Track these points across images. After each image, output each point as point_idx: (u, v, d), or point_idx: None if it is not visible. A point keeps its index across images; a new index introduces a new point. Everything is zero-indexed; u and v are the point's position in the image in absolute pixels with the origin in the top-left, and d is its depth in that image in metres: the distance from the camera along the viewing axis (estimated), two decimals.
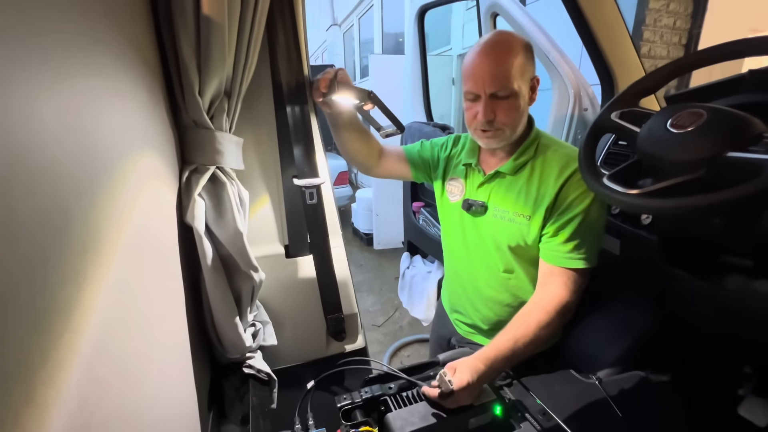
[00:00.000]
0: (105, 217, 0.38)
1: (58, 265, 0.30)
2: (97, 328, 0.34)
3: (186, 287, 0.62)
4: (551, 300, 0.79)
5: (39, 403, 0.26)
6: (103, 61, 0.41)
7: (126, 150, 0.45)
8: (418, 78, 2.01)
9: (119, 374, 0.37)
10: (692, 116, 0.61)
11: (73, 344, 0.31)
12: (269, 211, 0.87)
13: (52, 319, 0.29)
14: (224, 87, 0.63)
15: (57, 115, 0.31)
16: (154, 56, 0.59)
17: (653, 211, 0.71)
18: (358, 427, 0.65)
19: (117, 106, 0.44)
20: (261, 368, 0.72)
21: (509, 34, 0.80)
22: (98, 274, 0.36)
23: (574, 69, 1.24)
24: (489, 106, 0.79)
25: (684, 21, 2.71)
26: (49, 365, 0.28)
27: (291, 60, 0.79)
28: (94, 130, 0.37)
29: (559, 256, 0.81)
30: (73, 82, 0.34)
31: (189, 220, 0.61)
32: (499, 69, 0.77)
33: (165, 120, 0.60)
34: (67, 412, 0.29)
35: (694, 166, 0.57)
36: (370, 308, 2.86)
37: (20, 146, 0.26)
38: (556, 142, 0.87)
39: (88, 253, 0.34)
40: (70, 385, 0.30)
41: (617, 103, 0.77)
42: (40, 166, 0.28)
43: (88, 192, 0.35)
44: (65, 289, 0.31)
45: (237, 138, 0.69)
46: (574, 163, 0.79)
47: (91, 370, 0.33)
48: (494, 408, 0.69)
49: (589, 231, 0.80)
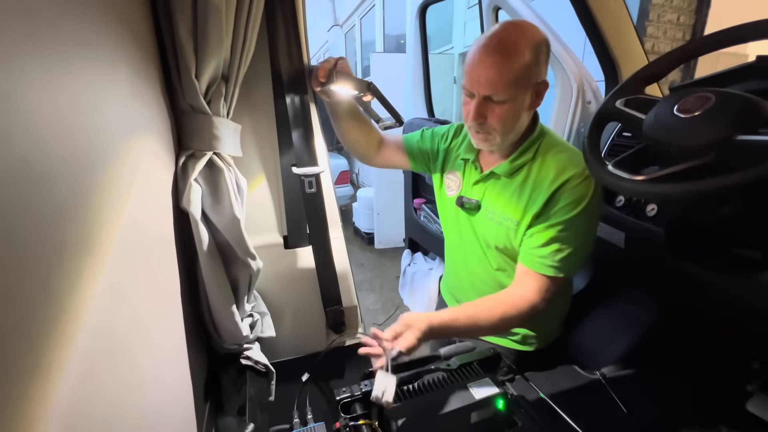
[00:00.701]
0: (101, 205, 0.37)
1: (56, 260, 0.29)
2: (92, 319, 0.33)
3: (182, 276, 0.61)
4: (521, 299, 0.77)
5: (35, 397, 0.26)
6: (97, 43, 0.40)
7: (122, 134, 0.44)
8: (420, 74, 2.00)
9: (112, 364, 0.35)
10: (700, 100, 0.59)
11: (69, 335, 0.30)
12: (268, 200, 0.86)
13: (48, 313, 0.28)
14: (222, 71, 0.62)
15: (51, 103, 0.30)
16: (151, 37, 0.58)
17: (661, 197, 0.69)
18: (357, 420, 0.63)
19: (113, 91, 0.43)
20: (259, 359, 0.70)
21: (520, 30, 0.73)
22: (93, 263, 0.35)
23: (577, 62, 1.22)
24: (480, 108, 0.75)
25: (688, 17, 2.69)
26: (44, 357, 0.27)
27: (290, 46, 0.78)
28: (90, 115, 0.37)
29: (534, 259, 0.78)
30: (68, 67, 0.33)
31: (185, 205, 0.60)
32: (497, 73, 0.71)
33: (162, 104, 0.59)
34: (63, 405, 0.29)
35: (702, 151, 0.56)
36: (371, 307, 2.85)
37: (14, 133, 0.25)
38: (559, 144, 0.83)
39: (84, 242, 0.34)
40: (65, 377, 0.29)
41: (622, 91, 0.75)
42: (34, 154, 0.27)
43: (84, 178, 0.34)
44: (62, 283, 0.30)
45: (235, 124, 0.68)
46: (572, 168, 0.76)
47: (85, 360, 0.32)
48: (497, 402, 0.68)
49: (570, 241, 0.76)
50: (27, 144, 0.26)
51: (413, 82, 2.03)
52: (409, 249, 2.10)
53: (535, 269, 0.78)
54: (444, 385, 0.69)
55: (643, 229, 0.90)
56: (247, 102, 0.79)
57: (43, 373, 0.27)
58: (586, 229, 0.78)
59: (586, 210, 0.76)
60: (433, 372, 0.73)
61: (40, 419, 0.26)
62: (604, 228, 1.03)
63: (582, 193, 0.76)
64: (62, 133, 0.31)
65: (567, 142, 0.85)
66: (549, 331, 0.97)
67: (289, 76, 0.79)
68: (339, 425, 0.62)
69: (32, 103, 0.27)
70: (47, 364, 0.28)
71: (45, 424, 0.26)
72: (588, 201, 0.76)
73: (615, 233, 0.99)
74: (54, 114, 0.30)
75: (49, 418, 0.27)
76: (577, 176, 0.76)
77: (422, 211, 1.94)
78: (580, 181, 0.76)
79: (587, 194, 0.76)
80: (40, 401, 0.26)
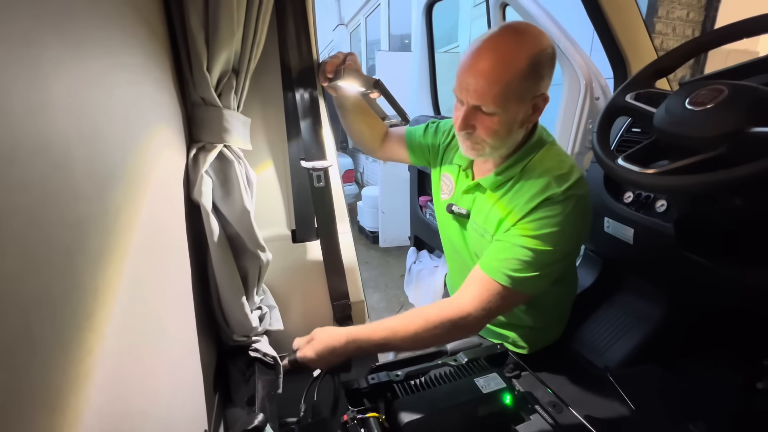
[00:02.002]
0: (120, 199, 0.38)
1: (81, 252, 0.30)
2: (117, 315, 0.34)
3: (193, 267, 0.61)
4: (453, 310, 0.71)
5: (70, 398, 0.27)
6: (114, 36, 0.41)
7: (138, 126, 0.45)
8: (426, 71, 2.00)
9: (133, 358, 0.36)
10: (713, 93, 0.59)
11: (97, 328, 0.31)
12: (276, 194, 0.87)
13: (75, 311, 0.29)
14: (232, 64, 0.62)
15: (67, 96, 0.30)
16: (163, 30, 0.58)
17: (673, 190, 0.68)
18: (365, 412, 0.63)
19: (128, 82, 0.43)
20: (267, 352, 0.71)
21: (518, 36, 0.65)
22: (115, 257, 0.35)
23: (586, 57, 1.22)
24: (469, 118, 0.70)
25: (697, 13, 2.66)
26: (76, 356, 0.28)
27: (300, 41, 0.78)
28: (106, 107, 0.37)
29: (492, 263, 0.72)
30: (84, 57, 0.33)
31: (196, 196, 0.60)
32: (488, 84, 0.65)
33: (174, 96, 0.60)
34: (97, 400, 0.30)
35: (715, 143, 0.55)
36: (375, 305, 2.86)
37: (33, 126, 0.25)
38: (550, 160, 0.75)
39: (108, 237, 0.34)
40: (95, 376, 0.30)
41: (632, 85, 0.75)
42: (52, 145, 0.27)
43: (101, 172, 0.35)
44: (93, 279, 0.31)
45: (245, 117, 0.68)
46: (554, 187, 0.70)
47: (113, 356, 0.33)
48: (504, 397, 0.68)
49: (534, 260, 0.69)
50: (44, 139, 0.26)
51: (419, 79, 2.02)
52: (415, 247, 2.09)
53: (489, 273, 0.71)
54: (451, 379, 0.69)
55: (652, 224, 0.90)
56: (257, 95, 0.80)
57: (75, 371, 0.28)
58: (554, 250, 0.70)
59: (559, 231, 0.69)
60: (441, 366, 0.73)
61: (78, 418, 0.27)
62: (612, 224, 1.02)
63: (556, 212, 0.69)
64: (79, 127, 0.31)
65: (563, 156, 0.77)
66: (548, 334, 0.95)
67: (299, 70, 0.80)
68: (347, 418, 0.62)
69: (50, 97, 0.28)
70: (78, 364, 0.28)
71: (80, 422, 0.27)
72: (561, 221, 0.69)
73: (623, 229, 0.98)
74: (70, 107, 0.31)
75: (83, 416, 0.27)
76: (555, 197, 0.70)
77: (428, 209, 1.94)
78: (558, 202, 0.70)
79: (562, 214, 0.69)
80: (75, 400, 0.27)
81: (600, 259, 1.19)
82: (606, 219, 1.03)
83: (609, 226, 1.03)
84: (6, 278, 0.21)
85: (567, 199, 0.70)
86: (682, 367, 0.92)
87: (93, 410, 0.29)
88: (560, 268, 0.74)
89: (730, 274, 0.77)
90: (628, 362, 0.98)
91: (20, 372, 0.22)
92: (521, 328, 0.91)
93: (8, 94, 0.23)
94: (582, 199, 0.71)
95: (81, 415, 0.27)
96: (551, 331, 0.95)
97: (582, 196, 0.72)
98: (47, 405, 0.24)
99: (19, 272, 0.22)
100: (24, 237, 0.23)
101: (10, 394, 0.21)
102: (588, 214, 0.75)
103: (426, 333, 0.70)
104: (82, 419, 0.27)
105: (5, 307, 0.21)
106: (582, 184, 0.73)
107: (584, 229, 0.75)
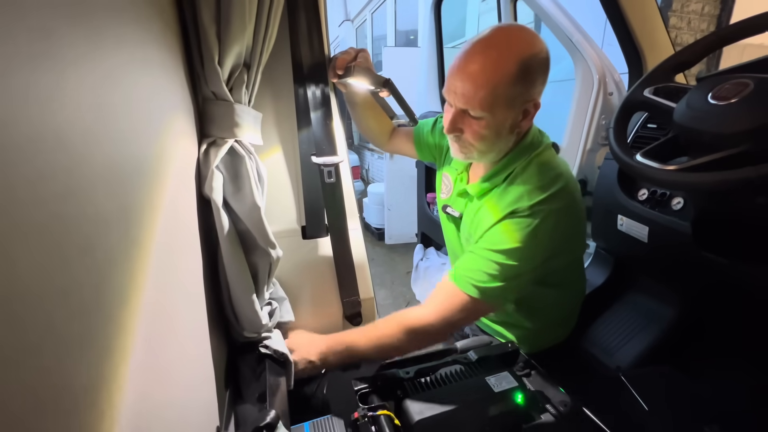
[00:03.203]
0: (138, 195, 0.38)
1: (101, 250, 0.29)
2: (138, 309, 0.34)
3: (204, 263, 0.61)
4: (416, 318, 0.71)
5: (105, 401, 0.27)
6: (130, 29, 0.40)
7: (155, 122, 0.44)
8: (434, 67, 1.98)
9: (148, 351, 0.36)
10: (737, 87, 0.57)
11: (122, 325, 0.31)
12: (287, 189, 0.86)
13: (100, 308, 0.28)
14: (244, 58, 0.62)
15: (86, 90, 0.30)
16: (176, 23, 0.58)
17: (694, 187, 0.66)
18: (375, 410, 0.63)
19: (144, 77, 0.43)
20: (277, 349, 0.71)
21: (509, 39, 0.63)
22: (136, 254, 0.35)
23: (599, 51, 1.19)
24: (456, 121, 0.69)
25: (713, 6, 2.60)
26: (110, 359, 0.28)
27: (311, 36, 0.78)
28: (124, 102, 0.36)
29: (459, 273, 0.71)
30: (100, 51, 0.33)
31: (207, 191, 0.60)
32: (475, 87, 0.63)
33: (186, 91, 0.59)
34: (129, 399, 0.30)
35: (739, 139, 0.54)
36: (381, 302, 2.86)
37: (53, 119, 0.25)
38: (533, 169, 0.72)
39: (126, 232, 0.34)
40: (130, 374, 0.30)
41: (650, 79, 0.73)
42: (72, 139, 0.27)
43: (120, 167, 0.34)
44: (116, 276, 0.31)
45: (256, 112, 0.67)
46: (523, 200, 0.69)
47: (140, 357, 0.33)
48: (515, 396, 0.67)
49: (500, 270, 0.68)
50: (64, 138, 0.26)
51: (427, 75, 2.01)
52: (422, 244, 2.09)
53: (456, 282, 0.71)
54: (462, 377, 0.68)
55: (668, 222, 0.88)
56: (268, 90, 0.79)
57: (103, 369, 0.28)
58: (517, 265, 0.68)
59: (521, 247, 0.67)
60: (451, 365, 0.72)
61: (106, 417, 0.27)
62: (625, 222, 1.01)
63: (520, 227, 0.68)
64: (96, 126, 0.31)
65: (548, 165, 0.74)
66: (550, 335, 0.94)
67: (310, 65, 0.79)
68: (357, 415, 0.61)
69: (70, 81, 0.27)
70: (107, 362, 0.28)
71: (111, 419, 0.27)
72: (523, 237, 0.67)
73: (637, 227, 0.97)
74: (90, 91, 0.30)
75: (113, 415, 0.27)
76: (521, 211, 0.68)
77: (435, 206, 1.93)
78: (524, 216, 0.68)
79: (525, 229, 0.68)
80: (106, 398, 0.27)
81: (612, 258, 1.17)
82: (619, 217, 1.02)
83: (622, 224, 1.01)
84: (32, 273, 0.20)
85: (533, 214, 0.68)
86: (696, 371, 0.90)
87: (119, 409, 0.29)
88: (528, 280, 0.72)
89: (748, 275, 0.75)
90: (639, 363, 0.97)
91: (52, 370, 0.22)
92: (520, 328, 0.91)
93: (29, 87, 0.22)
94: (555, 213, 0.68)
95: (110, 413, 0.27)
96: (553, 333, 0.94)
97: (555, 210, 0.68)
98: (82, 403, 0.24)
99: (46, 267, 0.22)
100: (48, 231, 0.22)
101: (45, 392, 0.21)
102: (566, 225, 0.72)
103: (388, 340, 0.70)
104: (112, 417, 0.27)
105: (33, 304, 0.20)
106: (560, 197, 0.70)
107: (557, 242, 0.72)
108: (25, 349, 0.19)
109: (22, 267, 0.20)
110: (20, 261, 0.20)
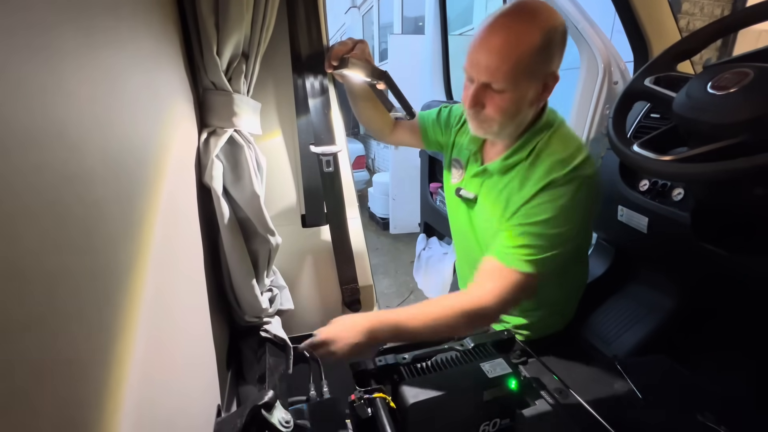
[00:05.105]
0: (136, 182, 0.38)
1: (97, 235, 0.31)
2: (137, 291, 0.35)
3: (205, 250, 0.63)
4: (472, 301, 0.71)
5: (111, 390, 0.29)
6: (127, 21, 0.41)
7: (152, 112, 0.45)
8: (439, 55, 1.96)
9: (150, 332, 0.37)
10: (737, 76, 0.56)
11: (122, 306, 0.32)
12: (287, 178, 0.87)
13: (97, 289, 0.30)
14: (242, 48, 0.62)
15: (82, 81, 0.30)
16: (175, 14, 0.58)
17: (691, 178, 0.66)
18: (372, 393, 0.65)
19: (141, 68, 0.43)
20: (277, 333, 0.73)
21: (532, 11, 0.65)
22: (134, 238, 0.36)
23: (605, 39, 1.17)
24: (478, 96, 0.69)
25: None
26: (115, 346, 0.30)
27: (310, 25, 0.78)
28: (120, 92, 0.37)
29: (506, 251, 0.71)
30: (97, 43, 0.34)
31: (207, 180, 0.61)
32: (499, 60, 0.64)
33: (185, 81, 0.60)
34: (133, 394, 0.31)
35: (737, 129, 0.53)
36: (385, 290, 2.89)
37: (51, 110, 0.26)
38: (558, 142, 0.74)
39: (124, 218, 0.35)
40: (133, 364, 0.32)
41: (652, 68, 0.72)
42: (68, 130, 0.28)
43: (117, 155, 0.35)
44: (114, 259, 0.32)
45: (255, 102, 0.68)
46: (557, 170, 0.70)
47: (144, 343, 0.34)
48: (509, 382, 0.68)
49: (546, 240, 0.70)
50: (63, 134, 0.27)
51: (432, 63, 1.98)
52: (425, 233, 2.09)
53: (505, 263, 0.71)
54: (457, 363, 0.70)
55: (668, 213, 0.88)
56: (267, 80, 0.80)
57: (117, 362, 0.29)
58: (562, 231, 0.70)
59: (565, 213, 0.69)
60: (447, 351, 0.73)
61: (114, 412, 0.28)
62: (626, 212, 1.00)
63: (561, 194, 0.70)
64: (95, 117, 0.32)
65: (569, 138, 0.76)
66: (548, 324, 0.94)
67: (308, 55, 0.79)
68: (354, 397, 0.63)
69: (66, 73, 0.28)
70: (116, 339, 0.30)
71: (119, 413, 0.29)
72: (565, 204, 0.69)
73: (637, 218, 0.96)
74: (86, 83, 0.31)
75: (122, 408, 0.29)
76: (558, 180, 0.70)
77: (438, 196, 1.93)
78: (562, 184, 0.70)
79: (566, 196, 0.70)
80: (115, 394, 0.29)
81: (612, 248, 1.17)
82: (620, 207, 1.01)
83: (623, 214, 1.01)
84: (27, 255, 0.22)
85: (571, 181, 0.70)
86: (693, 361, 0.90)
87: (123, 386, 0.30)
88: (574, 248, 0.75)
89: (747, 267, 0.75)
90: (637, 353, 0.97)
91: (50, 345, 0.23)
92: (520, 316, 0.92)
93: (29, 79, 0.23)
94: (588, 179, 0.71)
95: (116, 389, 0.29)
96: (553, 322, 0.95)
97: (588, 176, 0.71)
98: (80, 377, 0.26)
99: (39, 250, 0.23)
100: (43, 217, 0.24)
101: (45, 364, 0.22)
102: (596, 193, 0.75)
103: (443, 321, 0.70)
104: (117, 392, 0.29)
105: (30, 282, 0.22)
106: (588, 165, 0.72)
107: (594, 208, 0.75)
108: (27, 325, 0.21)
109: (22, 247, 0.21)
110: (21, 241, 0.21)
